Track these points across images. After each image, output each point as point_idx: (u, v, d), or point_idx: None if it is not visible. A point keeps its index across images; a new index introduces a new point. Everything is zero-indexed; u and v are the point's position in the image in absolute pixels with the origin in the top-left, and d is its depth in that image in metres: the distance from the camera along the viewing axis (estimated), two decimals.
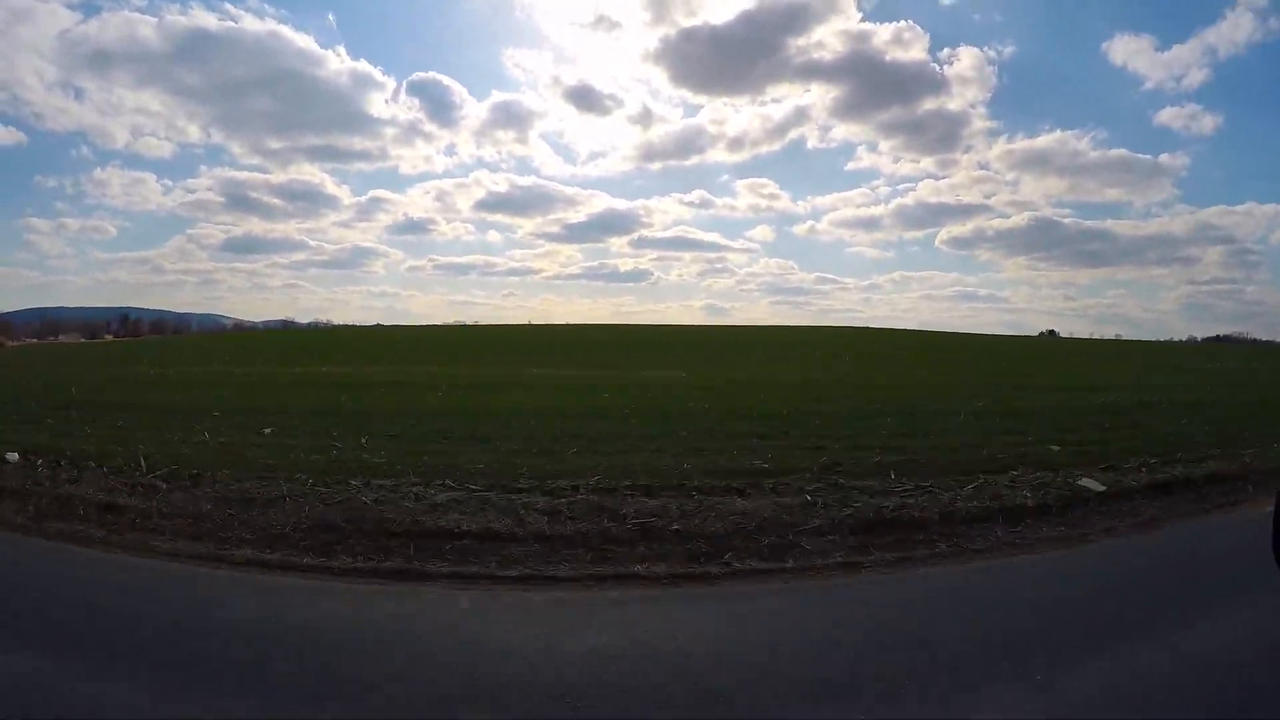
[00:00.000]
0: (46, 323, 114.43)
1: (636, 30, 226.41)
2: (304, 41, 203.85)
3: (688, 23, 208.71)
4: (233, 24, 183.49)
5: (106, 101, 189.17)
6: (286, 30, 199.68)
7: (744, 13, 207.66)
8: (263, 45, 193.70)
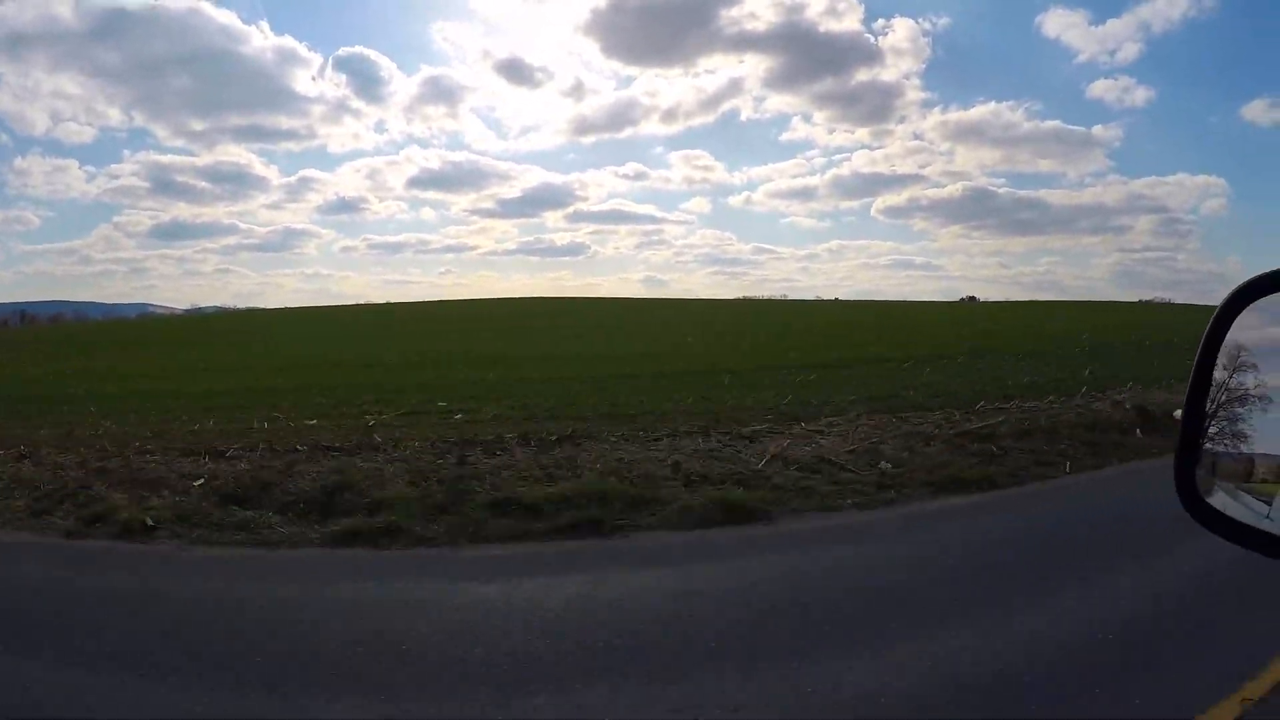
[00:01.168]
0: None
1: (566, 1, 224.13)
2: (225, 17, 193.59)
3: None
4: (152, 1, 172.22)
5: (23, 86, 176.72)
6: (207, 6, 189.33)
7: None
8: (183, 23, 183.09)
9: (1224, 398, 1.19)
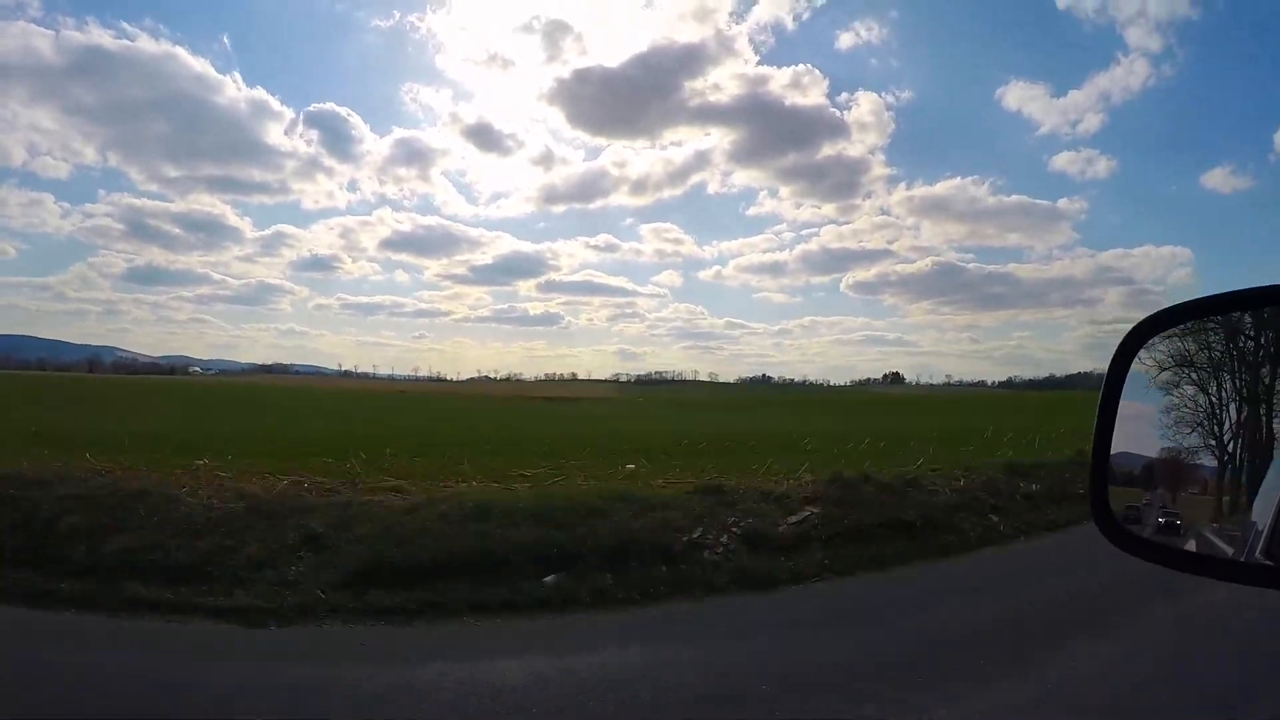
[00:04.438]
0: None
1: (530, 69, 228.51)
2: (200, 65, 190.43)
3: (580, 63, 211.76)
4: (129, 43, 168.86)
5: (0, 116, 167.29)
6: (182, 53, 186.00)
7: (636, 55, 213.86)
8: (159, 67, 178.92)
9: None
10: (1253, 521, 1.18)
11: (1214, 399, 1.25)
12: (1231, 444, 1.23)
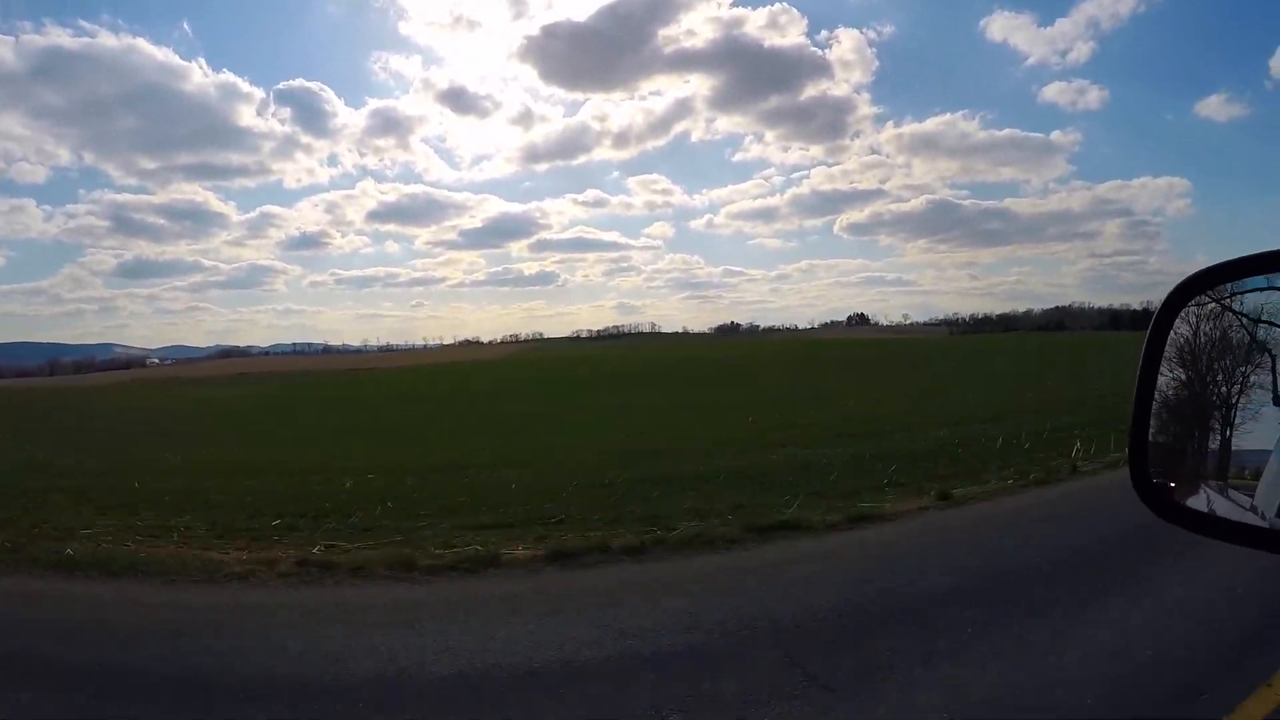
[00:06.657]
0: None
1: (498, 28, 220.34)
2: (164, 55, 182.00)
3: (548, 18, 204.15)
4: (89, 40, 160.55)
5: None
6: (144, 43, 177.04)
7: (605, 5, 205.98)
8: (122, 61, 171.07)
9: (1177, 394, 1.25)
10: None
11: (1264, 361, 1.19)
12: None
